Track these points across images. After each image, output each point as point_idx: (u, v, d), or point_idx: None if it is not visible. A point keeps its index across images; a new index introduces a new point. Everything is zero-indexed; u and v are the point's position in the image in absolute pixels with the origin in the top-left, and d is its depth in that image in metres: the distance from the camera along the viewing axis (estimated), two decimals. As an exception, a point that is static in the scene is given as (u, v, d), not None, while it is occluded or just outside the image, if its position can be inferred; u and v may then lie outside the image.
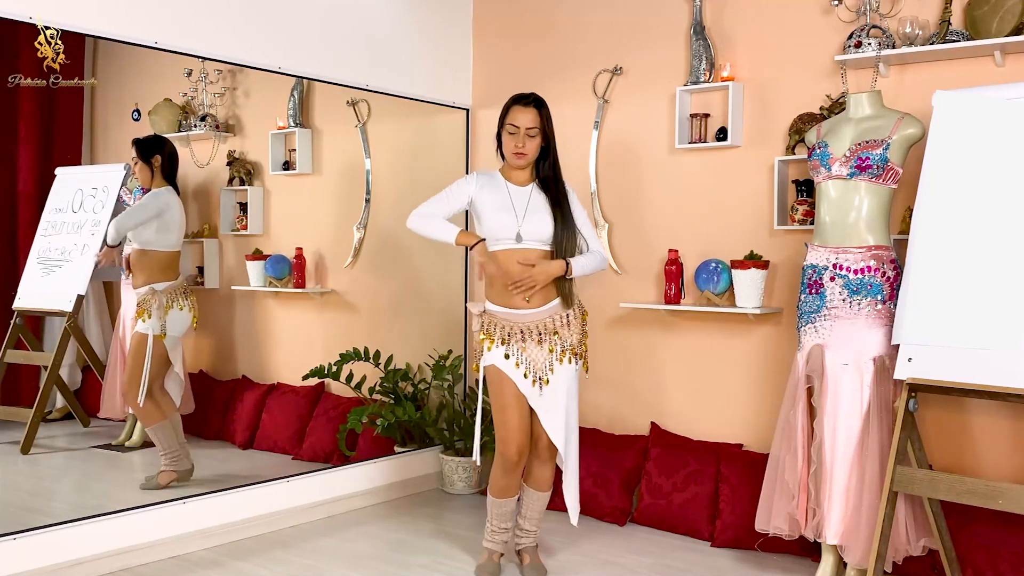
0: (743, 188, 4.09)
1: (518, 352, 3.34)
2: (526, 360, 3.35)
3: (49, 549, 3.37)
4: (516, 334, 3.35)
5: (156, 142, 4.29)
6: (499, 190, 3.41)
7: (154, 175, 4.22)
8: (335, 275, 4.97)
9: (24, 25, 3.28)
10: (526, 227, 3.35)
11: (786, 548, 3.73)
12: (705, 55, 4.14)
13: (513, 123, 3.36)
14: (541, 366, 3.36)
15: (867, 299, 3.30)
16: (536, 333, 3.35)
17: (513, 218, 3.35)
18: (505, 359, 3.34)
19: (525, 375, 3.34)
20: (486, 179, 3.46)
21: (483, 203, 3.40)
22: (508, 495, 3.50)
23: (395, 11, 4.60)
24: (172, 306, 4.22)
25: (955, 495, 2.96)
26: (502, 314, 3.38)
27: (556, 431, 3.37)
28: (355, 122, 4.95)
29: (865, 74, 3.69)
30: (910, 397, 3.07)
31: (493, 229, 3.37)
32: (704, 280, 4.04)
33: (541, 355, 3.35)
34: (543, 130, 3.38)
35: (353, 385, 4.71)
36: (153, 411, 4.18)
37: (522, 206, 3.38)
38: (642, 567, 3.67)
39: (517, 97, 3.41)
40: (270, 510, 4.10)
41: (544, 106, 3.40)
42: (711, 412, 4.20)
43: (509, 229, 3.34)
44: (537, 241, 3.36)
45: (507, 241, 3.35)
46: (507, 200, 3.39)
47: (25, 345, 4.15)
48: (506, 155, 3.42)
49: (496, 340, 3.36)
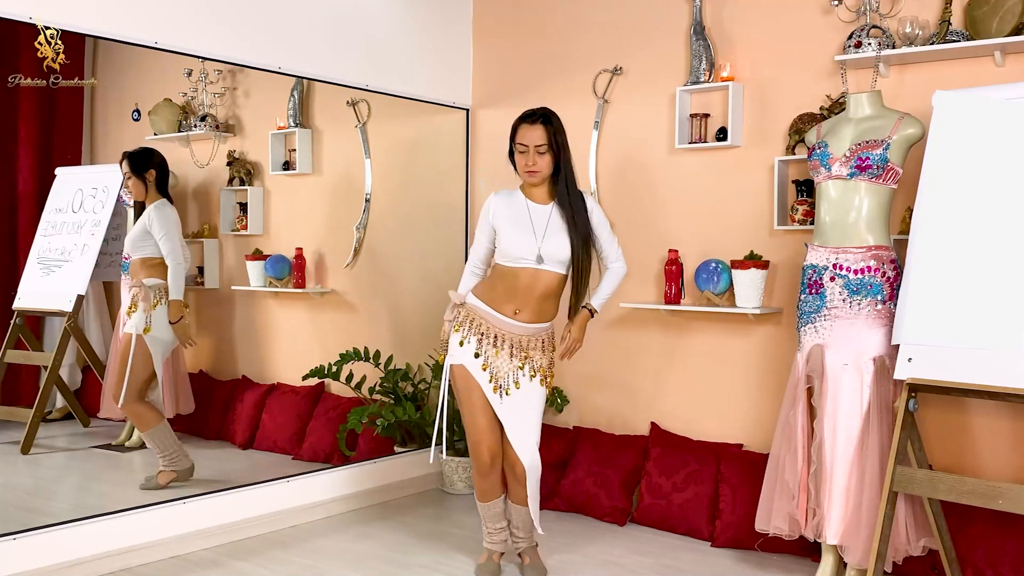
0: (743, 188, 4.09)
1: (487, 354, 3.32)
2: (492, 365, 3.32)
3: (49, 549, 3.37)
4: (490, 337, 3.33)
5: (147, 156, 4.24)
6: (518, 207, 3.37)
7: (148, 189, 4.20)
8: (335, 275, 4.97)
9: (24, 25, 3.28)
10: (546, 248, 3.30)
11: (786, 548, 3.73)
12: (705, 55, 4.14)
13: (522, 142, 3.32)
14: (505, 375, 3.33)
15: (867, 299, 3.30)
16: (509, 345, 3.33)
17: (532, 238, 3.31)
18: (474, 358, 3.32)
19: (490, 379, 3.32)
20: (504, 198, 3.41)
21: (502, 222, 3.35)
22: (491, 497, 3.47)
23: (395, 11, 4.60)
24: (160, 302, 4.19)
25: (955, 495, 2.96)
26: (485, 313, 3.35)
27: (521, 445, 3.34)
28: (355, 122, 4.95)
29: (865, 74, 3.69)
30: (910, 397, 3.07)
31: (512, 248, 3.31)
32: (704, 280, 4.04)
33: (508, 365, 3.33)
34: (553, 145, 3.33)
35: (353, 385, 4.71)
36: (145, 415, 4.14)
37: (542, 226, 3.33)
38: (642, 567, 3.67)
39: (525, 115, 3.36)
40: (270, 510, 4.10)
41: (552, 120, 3.34)
42: (711, 412, 4.20)
43: (529, 250, 3.30)
44: (556, 263, 3.32)
45: (526, 261, 3.30)
46: (526, 219, 3.34)
47: (25, 345, 4.15)
48: (519, 173, 3.39)
49: (467, 335, 3.34)
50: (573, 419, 4.66)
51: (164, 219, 4.18)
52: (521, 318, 3.33)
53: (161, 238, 4.17)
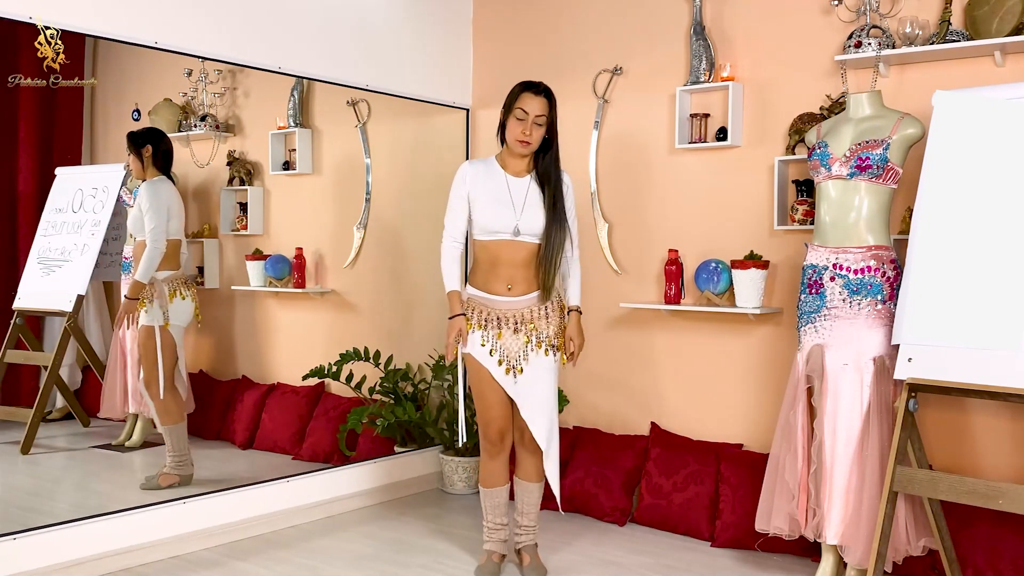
0: (743, 188, 4.09)
1: (493, 339, 3.35)
2: (500, 348, 3.35)
3: (49, 549, 3.37)
4: (493, 320, 3.36)
5: (147, 134, 4.24)
6: (496, 179, 3.39)
7: (146, 166, 4.17)
8: (335, 275, 4.97)
9: (24, 25, 3.28)
10: (523, 221, 3.34)
11: (786, 548, 3.73)
12: (705, 55, 4.14)
13: (523, 108, 3.32)
14: (515, 355, 3.35)
15: (867, 299, 3.30)
16: (513, 322, 3.36)
17: (511, 211, 3.34)
18: (481, 346, 3.35)
19: (500, 363, 3.35)
20: (480, 168, 3.42)
21: (479, 194, 3.37)
22: (498, 483, 3.50)
23: (395, 11, 4.60)
24: (176, 295, 4.19)
25: (955, 495, 2.96)
26: (481, 298, 3.38)
27: (536, 423, 3.36)
28: (355, 122, 4.95)
29: (865, 74, 3.69)
30: (910, 397, 3.07)
31: (490, 221, 3.35)
32: (704, 280, 4.04)
33: (516, 344, 3.35)
34: (550, 121, 3.36)
35: (353, 385, 4.71)
36: (172, 408, 4.15)
37: (520, 199, 3.36)
38: (642, 567, 3.67)
39: (528, 83, 3.38)
40: (270, 510, 4.10)
41: (553, 97, 3.38)
42: (711, 412, 4.20)
43: (507, 223, 3.34)
44: (531, 236, 3.36)
45: (503, 234, 3.34)
46: (505, 192, 3.37)
47: (25, 345, 4.15)
48: (509, 141, 3.38)
49: (473, 324, 3.37)
50: (573, 419, 4.66)
51: (153, 194, 4.13)
52: (515, 292, 3.36)
53: (147, 214, 4.11)
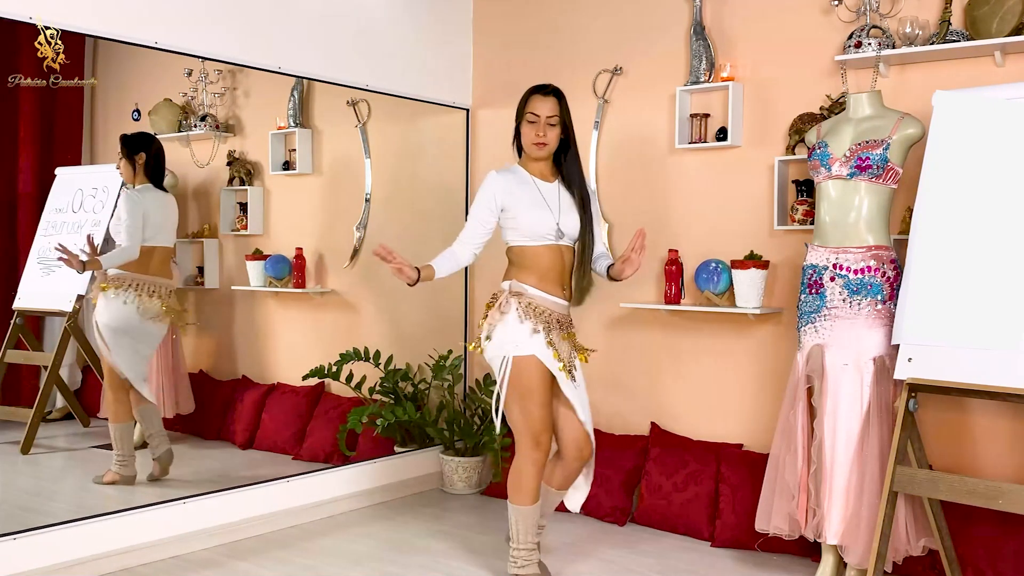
0: (743, 188, 4.09)
1: (557, 341, 3.28)
2: (560, 350, 3.28)
3: (49, 549, 3.37)
4: (553, 323, 3.30)
5: (143, 140, 4.23)
6: (527, 185, 3.33)
7: (136, 173, 4.16)
8: (335, 275, 4.97)
9: (24, 25, 3.28)
10: (564, 224, 3.30)
11: (786, 548, 3.73)
12: (705, 55, 4.14)
13: (533, 111, 3.30)
14: (568, 357, 3.33)
15: (867, 299, 3.30)
16: (563, 326, 3.35)
17: (550, 214, 3.29)
18: (547, 346, 3.25)
19: (561, 366, 3.27)
20: (510, 176, 3.35)
21: (515, 201, 3.29)
22: (537, 499, 3.36)
23: (395, 11, 4.60)
24: (107, 289, 4.07)
25: (955, 495, 2.96)
26: (542, 300, 3.29)
27: (589, 425, 3.36)
28: (355, 122, 4.95)
29: (865, 74, 3.69)
30: (910, 397, 3.07)
31: (532, 226, 3.28)
32: (704, 280, 4.04)
33: (565, 346, 3.33)
34: (563, 120, 3.33)
35: (353, 385, 4.71)
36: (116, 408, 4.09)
37: (555, 203, 3.32)
38: (642, 567, 3.67)
39: (536, 87, 3.36)
40: (270, 510, 4.10)
41: (563, 96, 3.35)
42: (711, 412, 4.20)
43: (549, 226, 3.28)
44: (570, 239, 3.35)
45: (548, 238, 3.29)
46: (539, 196, 3.31)
47: (25, 345, 4.15)
48: (525, 146, 3.35)
49: (536, 324, 3.25)
50: (573, 419, 4.66)
51: (129, 202, 4.11)
52: (566, 296, 3.36)
53: (123, 221, 4.08)
